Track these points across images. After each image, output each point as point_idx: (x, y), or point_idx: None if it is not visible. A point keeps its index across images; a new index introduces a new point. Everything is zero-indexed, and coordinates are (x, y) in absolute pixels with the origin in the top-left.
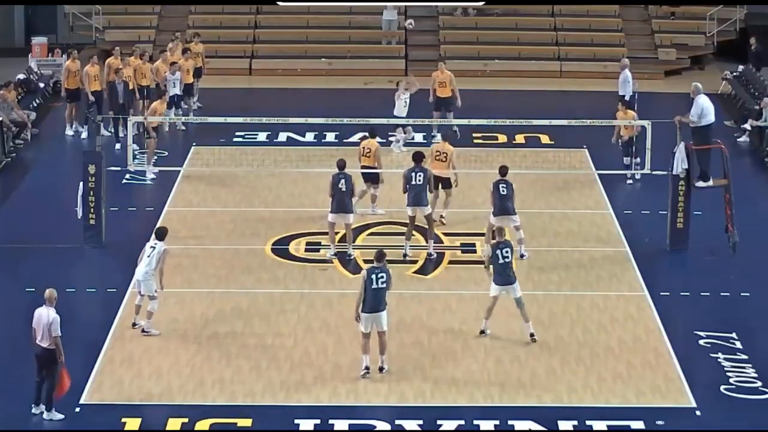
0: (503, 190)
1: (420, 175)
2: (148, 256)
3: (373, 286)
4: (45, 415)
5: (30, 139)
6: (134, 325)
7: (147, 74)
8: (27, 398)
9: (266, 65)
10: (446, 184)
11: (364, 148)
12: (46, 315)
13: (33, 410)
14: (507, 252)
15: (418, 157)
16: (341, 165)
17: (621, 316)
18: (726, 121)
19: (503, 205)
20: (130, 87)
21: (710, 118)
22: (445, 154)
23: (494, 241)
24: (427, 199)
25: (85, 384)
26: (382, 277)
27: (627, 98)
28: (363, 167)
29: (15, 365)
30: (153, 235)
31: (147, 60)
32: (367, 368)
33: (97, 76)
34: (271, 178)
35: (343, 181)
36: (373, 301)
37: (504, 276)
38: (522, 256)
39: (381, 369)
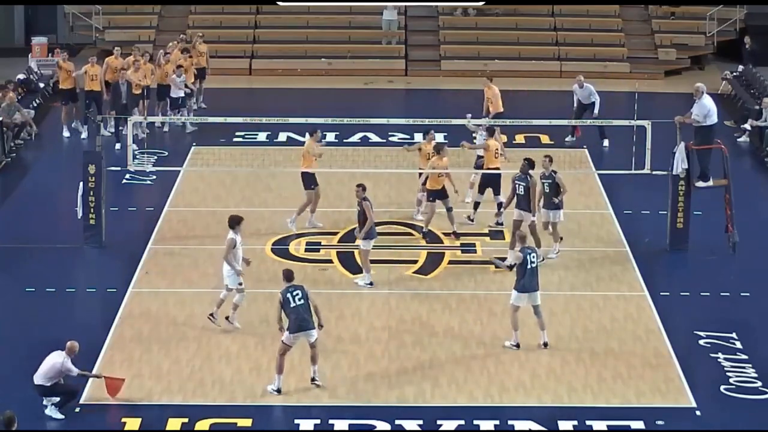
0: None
1: (521, 186)
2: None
3: (291, 305)
4: (47, 410)
5: (31, 138)
6: (211, 315)
7: (147, 74)
8: (26, 398)
9: (266, 65)
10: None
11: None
12: (59, 362)
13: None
14: (534, 257)
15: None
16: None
17: (621, 316)
18: (726, 121)
19: None
20: (132, 87)
21: (714, 118)
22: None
23: (520, 247)
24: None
25: (85, 384)
26: (297, 294)
27: (597, 107)
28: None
29: (15, 365)
30: None
31: (147, 60)
32: (278, 390)
33: (96, 76)
34: (271, 178)
35: None
36: (296, 320)
37: (530, 282)
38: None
39: (313, 380)
